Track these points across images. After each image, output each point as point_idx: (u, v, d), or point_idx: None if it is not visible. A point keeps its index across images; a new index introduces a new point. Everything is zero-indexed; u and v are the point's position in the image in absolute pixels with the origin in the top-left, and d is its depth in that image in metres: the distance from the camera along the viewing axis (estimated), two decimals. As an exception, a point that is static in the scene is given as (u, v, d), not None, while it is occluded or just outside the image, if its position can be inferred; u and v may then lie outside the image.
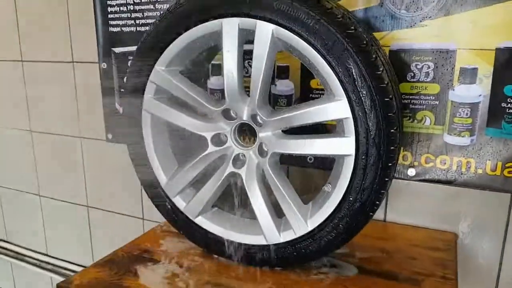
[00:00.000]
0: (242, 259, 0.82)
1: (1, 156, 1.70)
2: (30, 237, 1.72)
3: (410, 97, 0.90)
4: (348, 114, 0.66)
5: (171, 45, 0.76)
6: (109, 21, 1.20)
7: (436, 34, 0.86)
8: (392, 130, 0.65)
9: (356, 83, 0.64)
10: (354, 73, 0.63)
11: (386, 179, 0.68)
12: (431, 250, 0.88)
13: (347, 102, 0.65)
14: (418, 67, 0.88)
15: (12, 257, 1.75)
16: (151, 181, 0.87)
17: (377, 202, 0.69)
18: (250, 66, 0.72)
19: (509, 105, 0.83)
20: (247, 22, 0.69)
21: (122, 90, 1.23)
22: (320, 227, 0.73)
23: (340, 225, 0.71)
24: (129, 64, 0.86)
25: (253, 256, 0.81)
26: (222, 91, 0.81)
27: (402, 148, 0.92)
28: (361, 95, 0.64)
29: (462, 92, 0.86)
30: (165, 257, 0.88)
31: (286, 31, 0.66)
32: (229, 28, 0.70)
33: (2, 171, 1.72)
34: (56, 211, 1.60)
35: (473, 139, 0.87)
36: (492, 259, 0.93)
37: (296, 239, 0.76)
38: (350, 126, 0.66)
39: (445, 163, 0.90)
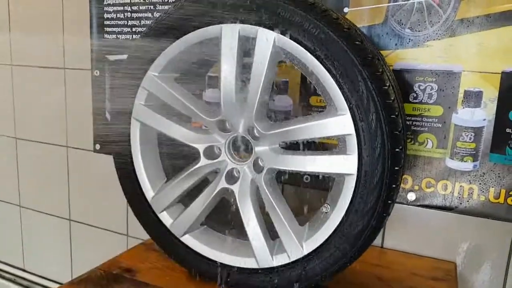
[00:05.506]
0: (230, 283, 0.76)
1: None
2: (7, 250, 1.64)
3: (412, 118, 0.87)
4: (351, 130, 0.62)
5: (166, 50, 0.72)
6: (105, 28, 1.17)
7: (440, 55, 0.84)
8: (397, 150, 0.62)
9: (361, 97, 0.60)
10: (359, 87, 0.60)
11: (389, 201, 0.63)
12: (430, 280, 0.84)
13: (350, 117, 0.61)
14: (421, 88, 0.86)
15: (-14, 271, 1.66)
16: (137, 194, 0.82)
17: (379, 227, 0.65)
18: (249, 79, 0.68)
19: (514, 130, 0.80)
20: (248, 28, 0.66)
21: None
22: (317, 251, 0.68)
23: (338, 250, 0.66)
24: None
25: (242, 280, 0.75)
26: (217, 104, 0.77)
27: (403, 170, 0.89)
28: (366, 110, 0.60)
29: (466, 116, 0.83)
30: (147, 277, 0.82)
31: (289, 39, 0.63)
32: (229, 34, 0.67)
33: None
34: (37, 224, 1.53)
35: (476, 165, 0.84)
36: (494, 292, 0.89)
37: (289, 263, 0.70)
38: (352, 143, 0.62)
39: (446, 189, 0.87)
